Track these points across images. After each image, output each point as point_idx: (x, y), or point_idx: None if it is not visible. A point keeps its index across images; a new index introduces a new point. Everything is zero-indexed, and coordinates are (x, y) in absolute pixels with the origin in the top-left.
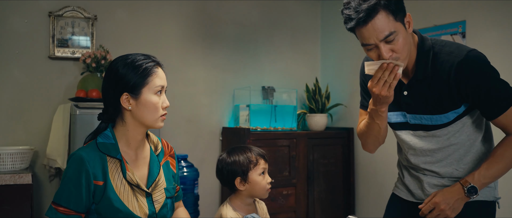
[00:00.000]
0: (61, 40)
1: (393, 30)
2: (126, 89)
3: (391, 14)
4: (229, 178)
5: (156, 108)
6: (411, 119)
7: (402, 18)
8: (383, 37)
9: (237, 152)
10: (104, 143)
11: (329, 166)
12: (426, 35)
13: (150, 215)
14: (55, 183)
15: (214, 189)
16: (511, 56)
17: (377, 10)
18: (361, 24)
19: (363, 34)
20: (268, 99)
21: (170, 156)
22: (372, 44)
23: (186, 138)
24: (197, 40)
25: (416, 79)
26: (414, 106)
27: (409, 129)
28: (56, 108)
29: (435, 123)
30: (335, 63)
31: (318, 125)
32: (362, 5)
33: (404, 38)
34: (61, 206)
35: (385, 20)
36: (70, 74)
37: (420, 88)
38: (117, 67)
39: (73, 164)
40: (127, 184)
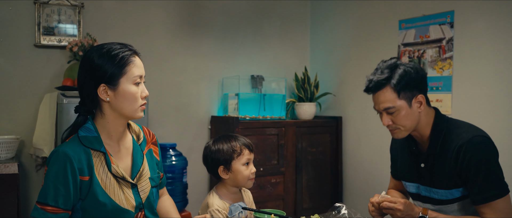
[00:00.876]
0: (47, 28)
1: (393, 105)
2: (103, 80)
3: (396, 92)
4: (213, 166)
5: (135, 98)
6: (423, 191)
7: (409, 97)
8: (383, 108)
9: (222, 141)
10: (87, 136)
11: (317, 155)
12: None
13: (137, 205)
14: (42, 173)
15: (202, 178)
16: (498, 46)
17: (383, 86)
18: (369, 92)
19: (373, 100)
20: (257, 88)
21: (153, 143)
22: (378, 110)
23: (175, 127)
24: (186, 28)
25: (428, 153)
26: (427, 179)
27: (420, 201)
28: (42, 97)
29: (441, 197)
30: (324, 52)
31: (306, 114)
32: (376, 76)
33: (405, 114)
34: (49, 205)
35: (388, 96)
36: (57, 62)
37: (433, 162)
38: (92, 57)
39: (58, 161)
40: (113, 177)
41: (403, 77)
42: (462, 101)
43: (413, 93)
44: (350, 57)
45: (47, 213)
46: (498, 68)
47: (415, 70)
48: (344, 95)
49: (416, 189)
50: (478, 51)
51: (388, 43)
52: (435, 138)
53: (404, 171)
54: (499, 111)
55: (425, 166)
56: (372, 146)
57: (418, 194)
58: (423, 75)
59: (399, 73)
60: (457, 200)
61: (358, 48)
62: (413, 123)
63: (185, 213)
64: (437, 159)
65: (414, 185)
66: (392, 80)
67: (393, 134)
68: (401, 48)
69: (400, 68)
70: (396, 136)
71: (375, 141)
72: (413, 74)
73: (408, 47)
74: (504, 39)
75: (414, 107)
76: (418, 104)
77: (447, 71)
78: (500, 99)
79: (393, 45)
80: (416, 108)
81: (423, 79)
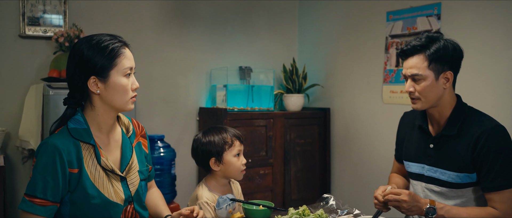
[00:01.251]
0: (32, 18)
1: (420, 73)
2: (94, 73)
3: (427, 61)
4: (204, 158)
5: (125, 90)
6: (427, 171)
7: (439, 70)
8: (410, 73)
9: (213, 133)
10: (76, 128)
11: (306, 146)
12: (400, 15)
13: (126, 199)
14: (29, 165)
15: (191, 170)
16: (485, 38)
17: (418, 52)
18: (403, 55)
19: (404, 65)
20: (245, 79)
21: (142, 136)
22: (405, 76)
23: (163, 118)
24: (173, 19)
25: (442, 134)
26: (435, 160)
27: (422, 181)
28: (28, 88)
29: (447, 179)
30: (312, 43)
31: (295, 105)
32: (414, 42)
33: (429, 85)
34: (37, 198)
35: (418, 62)
36: (42, 53)
37: (445, 144)
38: (82, 49)
39: (46, 153)
40: (102, 170)
41: (440, 49)
42: None
43: (444, 68)
44: (338, 49)
45: (35, 206)
46: (484, 60)
47: (453, 47)
48: (332, 86)
49: (420, 169)
50: (465, 43)
51: (376, 34)
52: (454, 120)
53: (409, 151)
54: (485, 103)
55: (434, 146)
56: (360, 137)
57: (421, 175)
58: (460, 55)
59: (437, 45)
60: (463, 186)
61: (346, 40)
62: (434, 97)
63: (174, 205)
64: (451, 141)
65: (418, 165)
66: (428, 49)
67: (413, 103)
68: (388, 39)
69: (441, 41)
70: (415, 106)
71: (363, 133)
72: (450, 50)
73: (396, 38)
74: (490, 31)
75: (440, 82)
76: (445, 80)
77: None
78: (485, 91)
79: (381, 36)
80: (442, 83)
81: (458, 58)
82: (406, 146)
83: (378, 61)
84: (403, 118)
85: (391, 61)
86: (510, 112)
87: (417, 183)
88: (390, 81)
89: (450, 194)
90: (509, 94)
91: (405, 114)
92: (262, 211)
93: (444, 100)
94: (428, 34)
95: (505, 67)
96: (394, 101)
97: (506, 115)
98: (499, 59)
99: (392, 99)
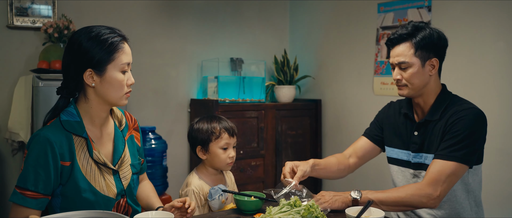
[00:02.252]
0: (20, 9)
1: (407, 61)
2: (90, 65)
3: (413, 48)
4: (192, 144)
5: (121, 85)
6: (414, 158)
7: (425, 57)
8: (397, 61)
9: (205, 121)
10: (69, 121)
11: (297, 137)
12: (391, 12)
13: (119, 192)
14: (18, 157)
15: (182, 161)
16: (475, 30)
17: (404, 40)
18: (390, 43)
19: (391, 53)
20: (236, 70)
21: (134, 129)
22: (393, 64)
23: (154, 110)
24: (164, 10)
25: (426, 119)
26: (419, 146)
27: (411, 168)
28: (17, 80)
29: (429, 162)
30: (303, 35)
31: (286, 97)
32: (400, 30)
33: (416, 72)
34: (28, 190)
35: (405, 50)
36: (31, 44)
37: (428, 129)
38: (81, 40)
39: (38, 145)
40: (94, 164)
41: (425, 37)
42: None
43: (430, 55)
44: (329, 41)
45: (26, 198)
46: (473, 52)
47: (438, 35)
48: (323, 78)
49: (407, 156)
50: (455, 35)
51: (367, 26)
52: (438, 106)
53: (394, 139)
54: (474, 94)
55: (418, 133)
56: (351, 129)
57: (409, 162)
58: (445, 43)
59: (422, 33)
60: None
61: (337, 32)
62: (420, 84)
63: (165, 197)
64: (432, 125)
65: (405, 152)
66: (414, 37)
67: (399, 90)
68: (379, 31)
69: (426, 30)
70: (402, 92)
71: (354, 124)
72: (435, 38)
73: (387, 30)
74: (480, 23)
75: (426, 69)
76: (431, 67)
77: None
78: (474, 82)
79: (372, 28)
80: (428, 70)
81: (444, 46)
82: (390, 132)
83: (369, 52)
84: (389, 106)
85: (382, 52)
86: (498, 103)
87: (405, 169)
88: (381, 73)
89: None
90: (498, 85)
91: (392, 103)
92: (254, 202)
93: (429, 88)
94: (414, 23)
95: (494, 58)
96: (385, 92)
97: (495, 105)
98: (488, 51)
99: (383, 90)
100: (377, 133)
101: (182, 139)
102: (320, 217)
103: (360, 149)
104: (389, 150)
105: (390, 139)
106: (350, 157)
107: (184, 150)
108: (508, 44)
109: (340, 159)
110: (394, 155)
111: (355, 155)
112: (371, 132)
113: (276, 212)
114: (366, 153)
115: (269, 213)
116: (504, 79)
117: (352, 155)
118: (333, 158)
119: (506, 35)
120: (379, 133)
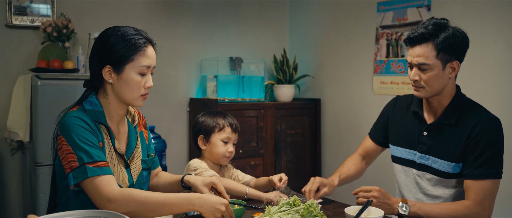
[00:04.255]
0: (19, 8)
1: (428, 62)
2: (110, 62)
3: (435, 50)
4: (195, 134)
5: (137, 87)
6: (420, 159)
7: (446, 60)
8: (417, 62)
9: (211, 115)
10: (93, 110)
11: (296, 137)
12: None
13: (129, 186)
14: (17, 157)
15: (181, 160)
16: (474, 29)
17: (426, 40)
18: (410, 42)
19: (410, 52)
20: (235, 70)
21: (143, 126)
22: (411, 64)
23: (153, 109)
24: (163, 9)
25: (439, 122)
26: (427, 147)
27: (414, 168)
28: (15, 79)
29: (439, 168)
30: (303, 34)
31: (285, 96)
32: (422, 29)
33: (436, 74)
34: (99, 161)
35: (427, 51)
36: (30, 43)
37: (440, 132)
38: (107, 36)
39: (78, 125)
40: (115, 153)
41: (449, 38)
42: None
43: (451, 57)
44: (329, 40)
45: (103, 167)
46: (472, 51)
47: (462, 36)
48: (323, 77)
49: (412, 156)
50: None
51: (366, 25)
52: (453, 109)
53: (400, 136)
54: (473, 94)
55: (427, 134)
56: (350, 128)
57: (413, 161)
58: (467, 45)
59: (446, 33)
60: (453, 177)
61: (337, 31)
62: (439, 87)
63: None
64: (447, 130)
65: (410, 152)
66: (437, 37)
67: (415, 92)
68: (379, 30)
69: (449, 29)
70: (418, 94)
71: (354, 123)
72: (459, 39)
73: (386, 29)
74: (479, 23)
75: (446, 71)
76: (451, 70)
77: None
78: (474, 82)
79: (371, 27)
80: (448, 73)
81: (466, 48)
82: (396, 130)
83: (368, 52)
84: (396, 101)
85: (381, 52)
86: (498, 103)
87: (408, 169)
88: (380, 72)
89: (441, 184)
90: (498, 85)
91: (399, 98)
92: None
93: (446, 90)
94: (435, 21)
95: (494, 58)
96: (384, 91)
97: (494, 105)
98: (488, 50)
99: (382, 89)
100: (381, 134)
101: (182, 138)
102: (319, 216)
103: (369, 150)
104: (393, 149)
105: (395, 138)
106: (363, 159)
107: (183, 149)
108: (508, 43)
109: (357, 164)
110: (398, 154)
111: (367, 156)
112: (375, 134)
113: (275, 211)
114: (374, 154)
115: (268, 212)
116: (503, 79)
117: (364, 157)
118: (351, 165)
119: (505, 34)
120: (383, 134)
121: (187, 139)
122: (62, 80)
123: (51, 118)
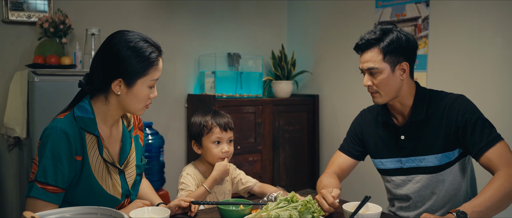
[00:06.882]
0: (15, 3)
1: (376, 66)
2: (122, 76)
3: (382, 54)
4: (190, 139)
5: (145, 100)
6: (407, 163)
7: (394, 62)
8: (366, 67)
9: (202, 114)
10: (83, 117)
11: (295, 133)
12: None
13: (124, 192)
14: (14, 153)
15: (179, 156)
16: (473, 25)
17: (372, 46)
18: (358, 50)
19: (360, 59)
20: (233, 65)
21: (139, 129)
22: (361, 70)
23: (151, 105)
24: (161, 5)
25: (411, 121)
26: (410, 149)
27: (403, 175)
28: (12, 75)
29: (430, 164)
30: (301, 30)
31: (283, 92)
32: (368, 35)
33: (386, 78)
34: (49, 185)
35: (373, 56)
36: (27, 39)
37: (416, 130)
38: (119, 47)
39: (56, 139)
40: (103, 162)
41: (393, 41)
42: (436, 79)
43: (399, 59)
44: (327, 35)
45: (48, 193)
46: (472, 47)
47: (406, 38)
48: (321, 73)
49: (398, 164)
50: (453, 30)
51: (364, 21)
52: (419, 105)
53: (380, 149)
54: (473, 90)
55: (405, 137)
56: (348, 124)
57: (400, 169)
58: (414, 46)
59: (390, 37)
60: (442, 168)
61: (335, 26)
62: (392, 90)
63: (163, 192)
64: (422, 126)
65: (394, 160)
66: (382, 42)
67: (374, 99)
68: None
69: (393, 33)
70: (376, 100)
71: (352, 119)
72: (403, 41)
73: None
74: (478, 18)
75: (396, 73)
76: (401, 71)
77: (422, 49)
78: (473, 79)
79: (369, 23)
80: (399, 74)
81: (413, 49)
82: (374, 143)
83: None
84: (362, 116)
85: None
86: (496, 99)
87: (396, 178)
88: None
89: (445, 177)
90: (496, 81)
91: (363, 112)
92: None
93: (403, 91)
94: (381, 27)
95: (493, 54)
96: None
97: (493, 101)
98: (487, 46)
99: None
100: (357, 148)
101: (179, 134)
102: (317, 212)
103: (345, 166)
104: (377, 162)
105: (375, 151)
106: (337, 175)
107: (181, 145)
108: (506, 40)
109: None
110: (382, 167)
111: (341, 172)
112: (350, 148)
113: (273, 208)
114: (349, 169)
115: (266, 208)
116: (502, 75)
117: (338, 173)
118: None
119: (504, 31)
120: (359, 148)
121: (184, 135)
122: (59, 76)
123: (48, 114)
